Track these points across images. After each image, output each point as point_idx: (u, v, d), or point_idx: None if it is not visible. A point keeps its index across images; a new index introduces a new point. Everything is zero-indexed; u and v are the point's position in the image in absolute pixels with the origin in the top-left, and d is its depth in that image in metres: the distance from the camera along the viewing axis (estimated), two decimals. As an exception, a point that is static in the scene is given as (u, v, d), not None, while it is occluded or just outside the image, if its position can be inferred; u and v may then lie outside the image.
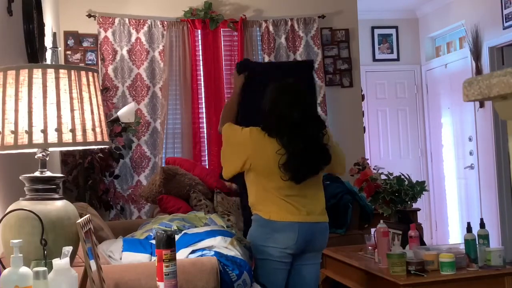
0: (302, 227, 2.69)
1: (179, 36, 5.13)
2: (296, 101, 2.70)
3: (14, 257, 1.50)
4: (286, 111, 2.67)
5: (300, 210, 2.71)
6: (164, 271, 1.79)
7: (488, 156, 5.80)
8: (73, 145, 1.75)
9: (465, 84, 0.99)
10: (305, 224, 2.70)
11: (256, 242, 2.73)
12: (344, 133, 5.49)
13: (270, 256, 2.70)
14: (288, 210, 2.69)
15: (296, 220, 2.69)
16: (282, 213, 2.69)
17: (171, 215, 3.18)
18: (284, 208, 2.69)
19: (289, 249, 2.69)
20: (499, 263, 3.03)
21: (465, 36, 5.99)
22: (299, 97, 2.73)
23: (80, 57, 5.03)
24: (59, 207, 1.72)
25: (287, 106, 2.68)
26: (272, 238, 2.69)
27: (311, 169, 2.71)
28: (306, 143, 2.67)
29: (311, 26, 5.39)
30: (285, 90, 2.76)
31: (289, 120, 2.66)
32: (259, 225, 2.75)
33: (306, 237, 2.71)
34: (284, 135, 2.66)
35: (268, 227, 2.71)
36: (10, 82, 1.69)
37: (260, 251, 2.71)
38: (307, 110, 2.73)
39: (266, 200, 2.73)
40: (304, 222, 2.70)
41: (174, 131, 5.14)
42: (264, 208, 2.73)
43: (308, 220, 2.71)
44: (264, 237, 2.71)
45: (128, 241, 2.65)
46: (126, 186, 4.98)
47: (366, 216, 4.69)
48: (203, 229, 2.69)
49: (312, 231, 2.73)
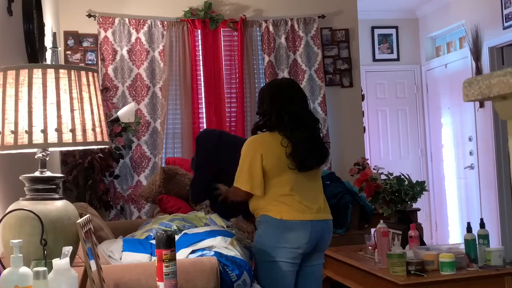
0: (314, 225, 2.71)
1: (179, 36, 5.13)
2: (294, 94, 2.81)
3: (14, 257, 1.50)
4: (286, 105, 2.75)
5: (310, 208, 2.72)
6: (164, 271, 1.79)
7: (488, 156, 5.80)
8: (73, 145, 1.75)
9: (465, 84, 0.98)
10: (316, 222, 2.72)
11: (267, 243, 2.69)
12: (344, 133, 5.49)
13: (281, 258, 2.67)
14: (299, 209, 2.70)
15: (308, 219, 2.70)
16: (293, 212, 2.69)
17: (171, 215, 3.18)
18: (295, 207, 2.70)
19: (301, 249, 2.68)
20: (499, 263, 3.03)
21: (465, 36, 5.99)
22: (297, 91, 2.84)
23: (80, 57, 5.03)
24: (59, 207, 1.72)
25: (287, 99, 2.77)
26: (285, 238, 2.67)
27: (316, 158, 2.76)
28: (308, 133, 2.75)
29: (311, 26, 5.39)
30: (283, 86, 2.86)
31: (290, 113, 2.73)
32: (270, 225, 2.71)
33: (317, 235, 2.71)
34: (287, 127, 2.72)
35: (280, 227, 2.68)
36: (10, 82, 1.69)
37: (271, 252, 2.67)
38: (305, 103, 2.83)
39: (276, 200, 2.72)
40: (316, 220, 2.72)
41: (174, 131, 5.14)
42: (275, 208, 2.71)
43: (319, 218, 2.73)
44: (276, 237, 2.68)
45: (128, 241, 2.65)
46: (126, 186, 4.98)
47: (366, 216, 4.69)
48: (203, 229, 2.69)
49: (322, 229, 2.75)
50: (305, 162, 2.71)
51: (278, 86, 2.88)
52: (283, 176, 2.72)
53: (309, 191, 2.76)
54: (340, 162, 5.38)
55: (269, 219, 2.71)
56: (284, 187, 2.71)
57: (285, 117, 2.72)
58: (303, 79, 5.32)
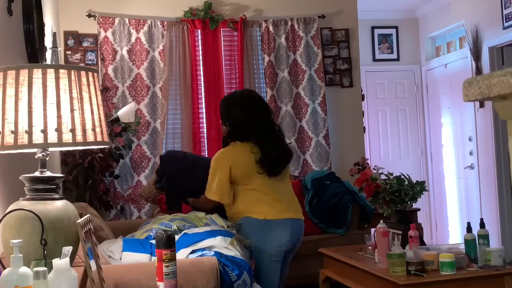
0: (294, 223, 2.89)
1: (179, 36, 5.13)
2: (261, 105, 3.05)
3: (14, 257, 1.50)
4: (256, 115, 2.96)
5: (288, 207, 2.91)
6: (164, 271, 1.79)
7: (488, 156, 5.80)
8: (73, 145, 1.75)
9: (465, 84, 0.98)
10: (295, 220, 2.91)
11: (252, 243, 2.78)
12: (344, 133, 5.49)
13: (268, 256, 2.83)
14: (279, 208, 2.87)
15: (288, 217, 2.88)
16: (275, 211, 2.86)
17: (171, 215, 3.17)
18: (275, 207, 2.87)
19: (283, 246, 2.85)
20: (499, 263, 3.03)
21: (465, 36, 5.99)
22: (261, 102, 3.09)
23: (80, 57, 5.03)
24: (59, 207, 1.72)
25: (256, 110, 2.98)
26: (269, 237, 2.83)
27: (284, 161, 2.97)
28: (276, 140, 2.96)
29: (311, 26, 5.39)
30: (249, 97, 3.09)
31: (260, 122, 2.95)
32: (253, 227, 2.86)
33: (297, 233, 2.90)
34: (258, 135, 2.91)
35: (263, 227, 2.84)
36: (10, 82, 1.69)
37: (256, 252, 2.79)
38: (268, 112, 3.06)
39: (256, 203, 2.88)
40: (294, 218, 2.91)
41: (174, 131, 5.14)
42: (257, 209, 2.87)
43: (296, 217, 2.93)
44: (260, 237, 2.83)
45: (128, 241, 2.65)
46: (126, 186, 4.98)
47: (366, 216, 4.69)
48: (203, 229, 2.69)
49: (299, 228, 2.93)
50: (274, 168, 2.90)
51: (245, 98, 3.06)
52: (255, 181, 2.89)
53: (282, 191, 2.95)
54: (340, 162, 5.38)
55: (252, 221, 2.87)
56: (259, 190, 2.88)
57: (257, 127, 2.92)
58: (303, 79, 5.32)
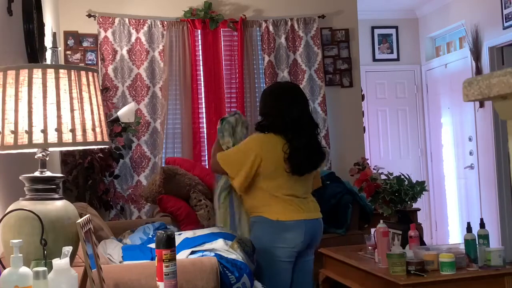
0: (308, 224, 2.81)
1: (179, 36, 5.13)
2: (296, 99, 2.88)
3: (14, 257, 1.50)
4: (288, 109, 2.82)
5: (303, 208, 2.83)
6: (164, 271, 1.79)
7: (488, 156, 5.80)
8: (73, 145, 1.75)
9: (465, 84, 0.99)
10: (309, 221, 2.82)
11: (263, 244, 2.75)
12: (344, 133, 5.49)
13: (279, 258, 2.77)
14: (293, 209, 2.80)
15: (302, 218, 2.80)
16: (288, 212, 2.79)
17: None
18: (289, 208, 2.80)
19: (297, 247, 2.79)
20: (499, 263, 3.03)
21: (465, 36, 5.99)
22: (299, 96, 2.91)
23: (80, 57, 5.03)
24: (59, 207, 1.72)
25: (289, 104, 2.83)
26: (281, 238, 2.76)
27: (312, 164, 2.86)
28: (308, 139, 2.82)
29: (311, 26, 5.39)
30: (285, 90, 2.95)
31: (291, 118, 2.80)
32: (266, 226, 2.80)
33: (311, 234, 2.82)
34: (288, 132, 2.79)
35: (276, 228, 2.77)
36: (10, 82, 1.69)
37: (268, 253, 2.75)
38: (306, 108, 2.90)
39: (270, 201, 2.80)
40: (308, 219, 2.82)
41: (174, 131, 5.14)
42: (269, 209, 2.80)
43: (311, 217, 2.84)
44: (272, 238, 2.77)
45: (127, 248, 2.64)
46: (126, 186, 4.97)
47: (366, 216, 4.69)
48: (204, 232, 2.69)
49: (315, 227, 2.86)
50: (300, 169, 2.80)
51: (281, 90, 2.95)
52: (278, 179, 2.80)
53: (301, 191, 2.86)
54: (340, 162, 5.38)
55: (264, 220, 2.80)
56: (278, 188, 2.80)
57: (286, 122, 2.79)
58: (303, 79, 5.32)
